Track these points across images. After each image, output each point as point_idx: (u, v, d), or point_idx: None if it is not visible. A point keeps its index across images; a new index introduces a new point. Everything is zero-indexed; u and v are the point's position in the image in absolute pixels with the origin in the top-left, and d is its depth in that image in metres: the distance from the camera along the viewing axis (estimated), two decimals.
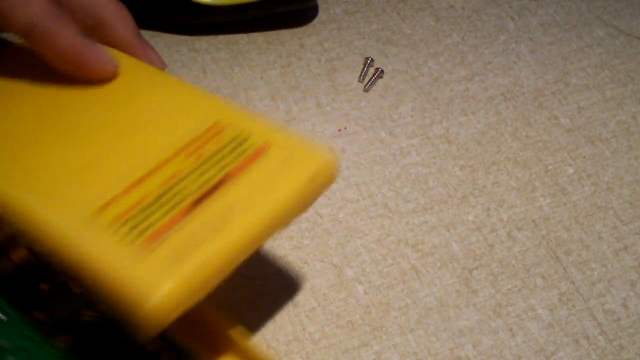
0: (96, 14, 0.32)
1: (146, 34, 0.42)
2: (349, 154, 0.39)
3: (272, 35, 0.43)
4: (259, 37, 0.43)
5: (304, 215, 0.36)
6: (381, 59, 0.43)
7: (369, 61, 0.42)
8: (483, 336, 0.33)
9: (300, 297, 0.34)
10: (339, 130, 0.40)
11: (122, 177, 0.26)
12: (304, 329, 0.33)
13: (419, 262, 0.35)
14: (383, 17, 0.45)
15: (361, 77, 0.42)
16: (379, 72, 0.42)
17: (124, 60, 0.31)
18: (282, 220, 0.26)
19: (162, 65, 0.34)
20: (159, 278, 0.22)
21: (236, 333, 0.29)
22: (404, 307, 0.34)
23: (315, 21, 0.44)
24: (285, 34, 0.43)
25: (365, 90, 0.42)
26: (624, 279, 0.35)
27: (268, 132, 0.28)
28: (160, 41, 0.42)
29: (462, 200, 0.38)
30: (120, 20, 0.32)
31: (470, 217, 0.37)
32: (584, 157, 0.40)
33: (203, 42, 0.43)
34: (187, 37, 0.43)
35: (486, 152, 0.40)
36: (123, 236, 0.23)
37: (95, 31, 0.32)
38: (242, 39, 0.43)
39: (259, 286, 0.34)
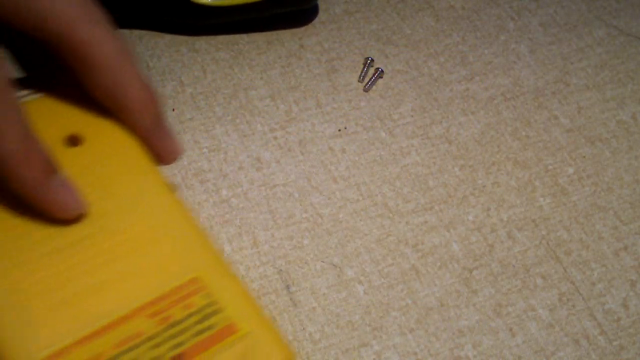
0: (119, 99, 0.30)
1: (147, 34, 0.43)
2: (349, 154, 0.39)
3: (272, 35, 0.43)
4: (259, 37, 0.43)
5: (304, 215, 0.36)
6: (381, 59, 0.43)
7: (369, 61, 0.42)
8: (483, 336, 0.33)
9: (300, 297, 0.34)
10: (339, 130, 0.40)
11: (78, 324, 0.26)
12: (304, 329, 0.33)
13: (419, 262, 0.35)
14: (383, 17, 0.45)
15: (361, 77, 0.42)
16: (379, 72, 0.42)
17: (125, 179, 0.30)
18: None
19: (177, 154, 0.33)
20: None
21: None
22: (404, 307, 0.34)
23: (315, 21, 0.44)
24: (285, 34, 0.43)
25: (365, 90, 0.42)
26: (624, 279, 0.35)
27: (237, 313, 0.27)
28: (160, 41, 0.42)
29: (462, 200, 0.38)
30: (143, 109, 0.31)
31: (470, 217, 0.37)
32: (584, 157, 0.40)
33: (203, 42, 0.43)
34: (187, 37, 0.43)
35: (486, 152, 0.40)
36: None
37: (117, 114, 0.31)
38: (242, 39, 0.43)
39: (259, 286, 0.34)
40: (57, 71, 0.31)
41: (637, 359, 0.33)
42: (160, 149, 0.32)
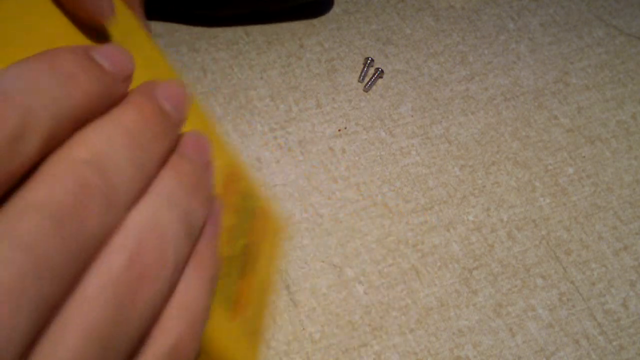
0: None
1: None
2: (349, 154, 0.39)
3: (272, 35, 0.43)
4: (259, 37, 0.43)
5: (304, 215, 0.36)
6: (381, 59, 0.43)
7: (369, 61, 0.42)
8: (483, 336, 0.33)
9: (300, 297, 0.34)
10: (339, 130, 0.40)
11: None
12: (303, 329, 0.33)
13: (419, 262, 0.35)
14: (383, 17, 0.45)
15: (361, 77, 0.42)
16: (379, 72, 0.42)
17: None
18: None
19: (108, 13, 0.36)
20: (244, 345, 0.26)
21: None
22: (404, 307, 0.34)
23: (315, 21, 0.44)
24: (285, 34, 0.43)
25: (365, 90, 0.42)
26: (624, 279, 0.35)
27: (256, 197, 0.29)
28: (160, 41, 0.42)
29: (462, 200, 0.38)
30: None
31: (470, 217, 0.37)
32: (584, 157, 0.40)
33: (203, 42, 0.43)
34: (187, 37, 0.43)
35: (486, 152, 0.40)
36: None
37: None
38: (242, 39, 0.43)
39: None
40: None
41: (637, 359, 0.33)
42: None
